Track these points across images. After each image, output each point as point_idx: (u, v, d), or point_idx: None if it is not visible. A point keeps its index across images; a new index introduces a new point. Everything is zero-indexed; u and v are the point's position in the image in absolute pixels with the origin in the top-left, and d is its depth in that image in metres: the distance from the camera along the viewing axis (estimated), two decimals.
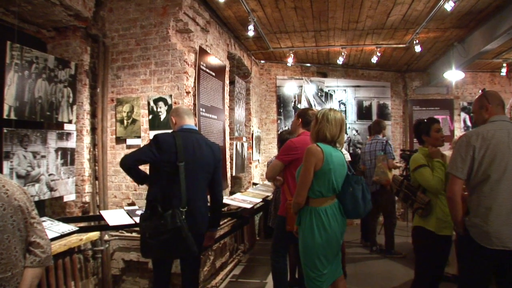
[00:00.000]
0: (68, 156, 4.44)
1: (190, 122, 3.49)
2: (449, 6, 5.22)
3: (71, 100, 4.48)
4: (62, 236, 3.44)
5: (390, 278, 5.23)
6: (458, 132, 9.84)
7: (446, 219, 3.45)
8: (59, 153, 4.30)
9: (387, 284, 5.11)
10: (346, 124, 9.42)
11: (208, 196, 3.55)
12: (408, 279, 5.22)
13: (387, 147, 6.27)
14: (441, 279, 3.63)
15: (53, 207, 4.66)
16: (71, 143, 4.49)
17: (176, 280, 4.36)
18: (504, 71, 8.90)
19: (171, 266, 3.54)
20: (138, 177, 3.36)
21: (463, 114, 9.99)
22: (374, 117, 9.69)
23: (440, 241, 3.49)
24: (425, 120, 3.88)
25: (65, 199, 4.45)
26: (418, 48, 7.07)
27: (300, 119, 4.01)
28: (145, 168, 3.43)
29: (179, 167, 3.13)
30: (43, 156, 4.08)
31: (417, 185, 3.70)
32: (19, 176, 3.75)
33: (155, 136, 3.23)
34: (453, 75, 8.14)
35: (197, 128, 3.62)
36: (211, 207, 3.53)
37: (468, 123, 9.89)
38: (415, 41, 6.99)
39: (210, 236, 3.62)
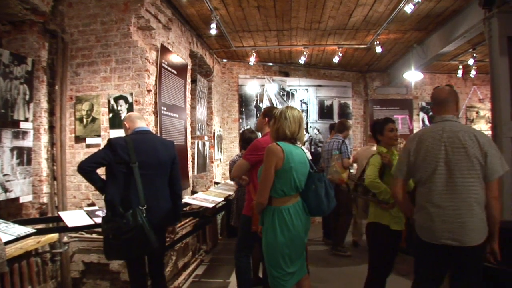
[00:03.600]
0: (24, 156, 4.28)
1: (142, 125, 3.61)
2: (409, 9, 5.38)
3: (27, 97, 4.31)
4: (18, 239, 3.30)
5: (354, 275, 5.28)
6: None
7: (397, 214, 3.64)
8: (15, 152, 4.14)
9: (351, 281, 5.19)
10: (307, 123, 9.53)
11: None
12: None
13: (342, 147, 6.35)
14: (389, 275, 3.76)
15: (8, 209, 4.46)
16: (27, 142, 4.33)
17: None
18: (460, 72, 9.28)
19: (145, 266, 3.55)
20: (98, 182, 3.36)
21: (421, 114, 10.33)
22: (336, 117, 9.86)
23: (392, 235, 3.65)
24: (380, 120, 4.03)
25: (21, 200, 4.28)
26: (379, 49, 7.23)
27: (267, 118, 4.06)
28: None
29: (133, 168, 3.24)
30: None
31: None
32: None
33: (109, 140, 3.37)
34: (413, 75, 8.38)
35: (150, 129, 3.75)
36: (171, 202, 3.59)
37: (427, 123, 10.21)
38: (376, 42, 7.15)
39: (172, 230, 3.83)
